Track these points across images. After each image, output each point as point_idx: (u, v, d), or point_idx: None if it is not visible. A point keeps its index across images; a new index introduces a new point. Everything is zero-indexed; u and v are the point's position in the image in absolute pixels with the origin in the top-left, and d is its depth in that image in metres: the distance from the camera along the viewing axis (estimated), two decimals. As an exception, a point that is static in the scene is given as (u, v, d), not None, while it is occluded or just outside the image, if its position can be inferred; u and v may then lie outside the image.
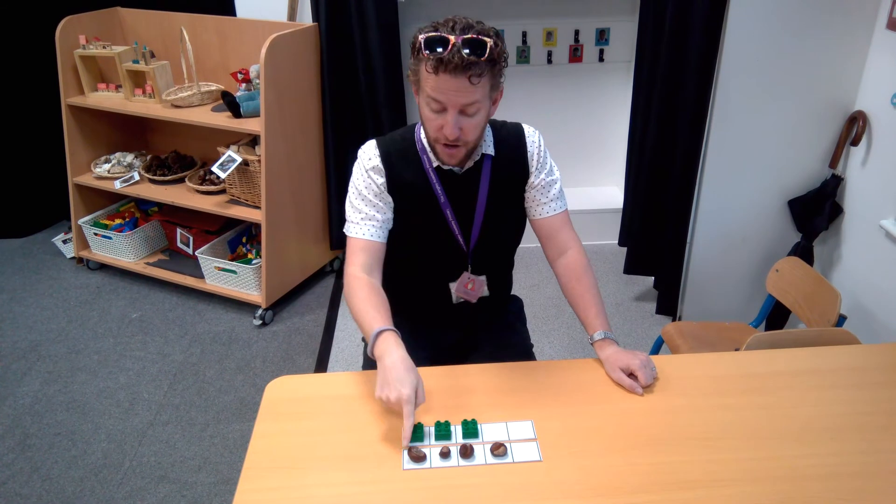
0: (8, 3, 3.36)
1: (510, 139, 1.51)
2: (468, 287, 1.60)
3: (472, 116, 1.33)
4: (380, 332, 1.31)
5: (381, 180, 1.46)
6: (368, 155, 1.47)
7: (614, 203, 3.48)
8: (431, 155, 1.46)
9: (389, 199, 1.48)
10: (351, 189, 1.49)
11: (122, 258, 3.28)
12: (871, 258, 2.41)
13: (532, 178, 1.53)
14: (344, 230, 1.52)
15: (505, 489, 1.16)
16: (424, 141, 1.46)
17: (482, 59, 1.25)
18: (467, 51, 1.24)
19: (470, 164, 1.47)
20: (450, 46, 1.24)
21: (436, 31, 1.27)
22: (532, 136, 1.53)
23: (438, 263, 1.58)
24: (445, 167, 1.46)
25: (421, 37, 1.27)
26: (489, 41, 1.26)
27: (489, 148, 1.48)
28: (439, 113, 1.33)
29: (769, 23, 2.32)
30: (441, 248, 1.54)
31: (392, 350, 1.27)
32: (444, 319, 1.66)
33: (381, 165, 1.46)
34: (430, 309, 1.64)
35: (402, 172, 1.47)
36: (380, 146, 1.48)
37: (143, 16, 3.19)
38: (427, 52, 1.26)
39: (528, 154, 1.51)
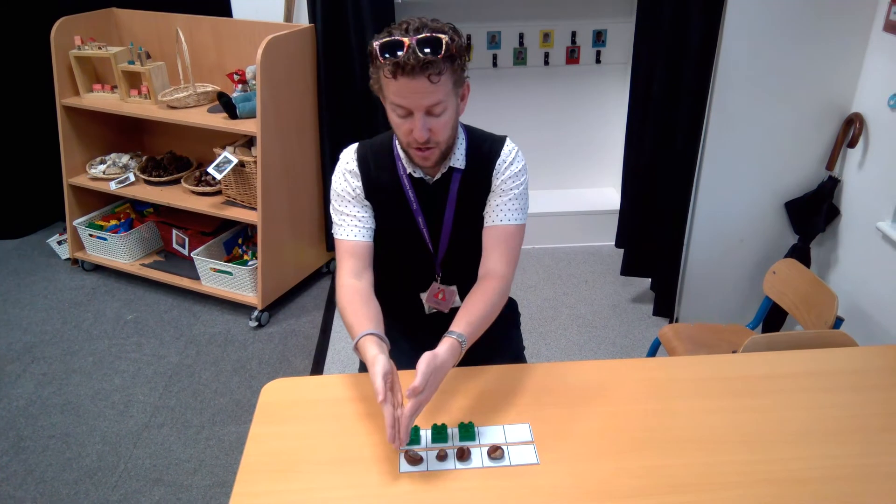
0: (3, 3, 3.35)
1: (484, 153, 1.47)
2: (438, 297, 1.59)
3: (439, 116, 1.31)
4: (357, 341, 1.29)
5: (357, 184, 1.46)
6: (346, 159, 1.48)
7: (611, 204, 3.47)
8: (405, 162, 1.45)
9: (368, 203, 1.48)
10: (332, 192, 1.49)
11: (118, 259, 3.27)
12: (867, 260, 2.41)
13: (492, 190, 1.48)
14: (332, 233, 1.52)
15: (502, 492, 1.16)
16: (399, 147, 1.45)
17: (439, 57, 1.23)
18: (425, 50, 1.21)
19: (439, 175, 1.46)
20: (405, 48, 1.21)
21: (390, 35, 1.25)
22: (507, 154, 1.46)
23: (409, 271, 1.57)
24: (416, 175, 1.45)
25: (375, 43, 1.25)
26: (444, 37, 1.24)
27: (459, 161, 1.45)
28: (406, 118, 1.31)
29: (766, 24, 2.32)
30: (412, 255, 1.54)
31: (365, 354, 1.25)
32: (421, 328, 1.64)
33: (356, 169, 1.46)
34: (405, 317, 1.63)
35: (378, 177, 1.47)
36: (358, 150, 1.48)
37: (138, 16, 3.18)
38: (383, 57, 1.24)
39: (495, 170, 1.46)
